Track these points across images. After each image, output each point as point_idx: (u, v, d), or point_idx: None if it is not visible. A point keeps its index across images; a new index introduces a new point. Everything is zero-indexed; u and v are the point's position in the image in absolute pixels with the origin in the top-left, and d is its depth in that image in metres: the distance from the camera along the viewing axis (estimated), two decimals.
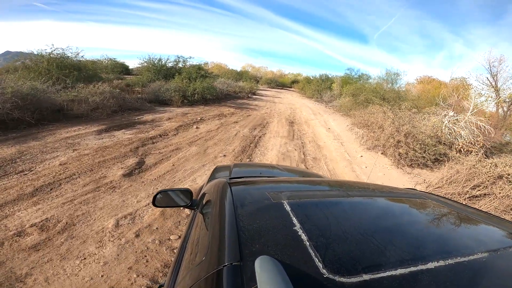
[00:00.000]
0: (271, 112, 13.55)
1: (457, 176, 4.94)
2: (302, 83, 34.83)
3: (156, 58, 16.55)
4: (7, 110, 5.81)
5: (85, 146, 5.40)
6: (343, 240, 0.79)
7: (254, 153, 6.40)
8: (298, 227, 0.84)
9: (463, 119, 7.94)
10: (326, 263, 0.67)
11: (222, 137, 7.38)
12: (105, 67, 17.99)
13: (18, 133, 5.68)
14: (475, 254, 0.79)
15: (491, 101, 10.40)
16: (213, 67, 34.26)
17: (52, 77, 8.95)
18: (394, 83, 18.95)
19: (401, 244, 0.81)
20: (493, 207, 4.03)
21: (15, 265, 2.37)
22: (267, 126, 9.78)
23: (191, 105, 12.17)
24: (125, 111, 9.08)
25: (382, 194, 1.37)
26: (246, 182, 1.56)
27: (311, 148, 7.57)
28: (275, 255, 0.69)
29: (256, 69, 50.13)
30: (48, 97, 7.27)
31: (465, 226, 1.10)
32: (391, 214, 1.12)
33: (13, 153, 4.63)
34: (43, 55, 9.68)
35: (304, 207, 1.02)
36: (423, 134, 6.88)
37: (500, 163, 4.97)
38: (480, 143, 7.22)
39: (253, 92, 23.32)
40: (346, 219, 0.95)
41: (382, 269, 0.66)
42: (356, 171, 6.00)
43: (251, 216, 0.91)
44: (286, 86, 44.75)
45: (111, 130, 6.77)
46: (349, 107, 14.30)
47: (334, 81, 24.77)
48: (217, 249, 0.82)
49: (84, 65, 11.01)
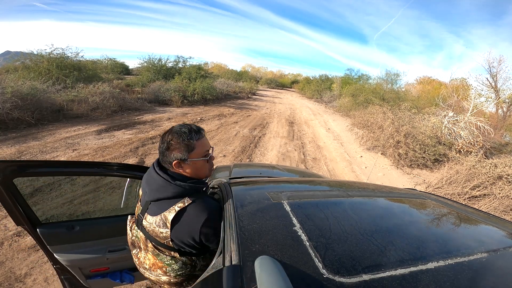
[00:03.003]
0: (271, 112, 13.56)
1: (457, 177, 4.94)
2: (302, 83, 34.90)
3: (156, 58, 16.59)
4: (7, 110, 5.81)
5: (85, 146, 5.40)
6: (343, 240, 0.79)
7: (254, 153, 6.40)
8: (298, 227, 0.84)
9: (463, 119, 7.94)
10: (326, 263, 0.67)
11: (222, 137, 7.38)
12: (105, 67, 17.99)
13: (18, 133, 5.68)
14: (475, 254, 0.79)
15: (490, 101, 10.42)
16: (213, 67, 34.30)
17: (52, 77, 8.96)
18: (393, 83, 18.96)
19: (401, 244, 0.81)
20: (492, 208, 4.03)
21: (15, 265, 2.37)
22: (267, 126, 9.78)
23: (191, 105, 12.17)
24: (125, 111, 9.07)
25: (382, 194, 1.37)
26: (246, 182, 1.56)
27: (311, 148, 7.58)
28: (275, 255, 0.69)
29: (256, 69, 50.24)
30: (48, 97, 7.28)
31: (465, 226, 1.10)
32: (391, 214, 1.12)
33: (13, 153, 4.63)
34: (43, 55, 9.69)
35: (304, 207, 1.02)
36: (422, 134, 6.87)
37: (500, 164, 4.97)
38: (480, 143, 7.22)
39: (253, 92, 23.34)
40: (346, 219, 0.95)
41: (382, 269, 0.66)
42: (356, 172, 6.00)
43: (251, 216, 0.91)
44: (286, 87, 44.83)
45: (111, 130, 6.77)
46: (349, 107, 14.31)
47: (334, 82, 24.81)
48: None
49: (84, 65, 11.01)
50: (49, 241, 1.43)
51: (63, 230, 1.46)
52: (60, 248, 1.47)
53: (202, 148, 1.06)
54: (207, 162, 1.10)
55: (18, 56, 10.05)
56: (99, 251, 1.56)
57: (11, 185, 1.21)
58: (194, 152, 1.04)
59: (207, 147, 1.09)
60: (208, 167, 1.13)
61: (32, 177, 1.38)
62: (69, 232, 1.47)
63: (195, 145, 1.03)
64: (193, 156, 1.04)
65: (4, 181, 1.17)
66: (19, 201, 1.28)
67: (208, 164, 1.12)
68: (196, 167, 1.07)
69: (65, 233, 1.46)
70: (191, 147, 1.03)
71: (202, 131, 1.09)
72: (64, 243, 1.48)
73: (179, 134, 1.03)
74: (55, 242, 1.45)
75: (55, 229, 1.45)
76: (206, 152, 1.08)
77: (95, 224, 1.58)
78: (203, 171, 1.10)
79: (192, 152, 1.03)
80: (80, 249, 1.51)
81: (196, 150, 1.04)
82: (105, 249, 1.58)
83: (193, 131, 1.05)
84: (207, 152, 1.08)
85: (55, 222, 1.51)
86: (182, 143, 1.02)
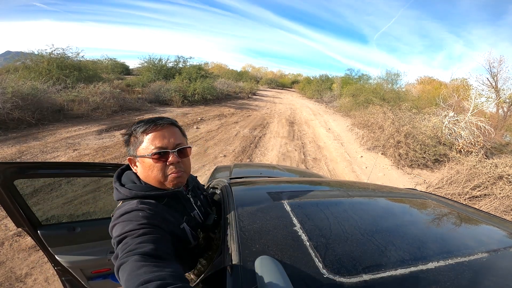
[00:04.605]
0: (271, 112, 13.55)
1: (457, 177, 4.94)
2: (302, 83, 34.88)
3: (156, 58, 16.59)
4: (8, 110, 5.82)
5: (85, 146, 5.40)
6: (343, 240, 0.79)
7: (254, 154, 6.40)
8: (298, 227, 0.84)
9: (463, 119, 7.93)
10: (326, 263, 0.67)
11: (222, 137, 7.38)
12: (105, 67, 17.98)
13: (19, 133, 5.68)
14: (476, 254, 0.79)
15: (491, 101, 10.41)
16: (213, 67, 34.28)
17: (53, 77, 8.97)
18: (394, 83, 18.92)
19: (401, 244, 0.81)
20: (493, 208, 4.02)
21: (15, 265, 2.37)
22: (267, 126, 9.78)
23: (191, 105, 12.17)
24: (125, 111, 9.08)
25: (383, 194, 1.37)
26: (247, 182, 1.56)
27: (311, 148, 7.57)
28: (275, 255, 0.69)
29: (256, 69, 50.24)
30: (49, 97, 7.28)
31: (465, 226, 1.10)
32: (391, 214, 1.12)
33: (14, 153, 4.63)
34: (44, 55, 9.70)
35: (304, 207, 1.02)
36: (423, 134, 6.87)
37: (500, 164, 4.97)
38: (480, 143, 7.21)
39: (253, 92, 23.33)
40: (346, 219, 0.95)
41: (382, 269, 0.66)
42: (356, 172, 6.00)
43: (251, 216, 0.91)
44: (286, 87, 44.81)
45: (112, 130, 6.78)
46: (349, 107, 14.29)
47: (334, 82, 24.78)
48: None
49: (84, 65, 11.01)
50: (50, 243, 1.43)
51: (64, 232, 1.46)
52: (62, 250, 1.47)
53: (150, 142, 0.85)
54: (159, 162, 0.86)
55: (19, 56, 10.05)
56: (100, 252, 1.56)
57: (11, 187, 1.21)
58: (141, 147, 0.87)
59: (159, 143, 0.86)
60: (159, 170, 0.86)
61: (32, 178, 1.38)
62: (70, 234, 1.47)
63: (142, 139, 0.87)
64: (141, 151, 0.87)
65: (4, 183, 1.16)
66: (20, 202, 1.28)
67: (161, 165, 0.86)
68: (144, 167, 0.88)
69: (66, 235, 1.46)
70: (139, 141, 0.87)
71: (157, 122, 0.88)
72: (65, 244, 1.48)
73: (132, 125, 0.91)
74: (56, 243, 1.45)
75: (56, 230, 1.45)
76: (154, 149, 0.85)
77: (96, 225, 1.58)
78: (152, 175, 0.87)
79: (139, 147, 0.87)
80: (82, 250, 1.51)
81: (143, 145, 0.86)
82: (106, 250, 1.58)
83: (144, 121, 0.89)
84: (154, 150, 0.84)
85: (56, 224, 1.51)
86: (131, 136, 0.90)
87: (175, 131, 0.93)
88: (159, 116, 0.91)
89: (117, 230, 0.75)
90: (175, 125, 0.95)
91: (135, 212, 0.78)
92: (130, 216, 0.78)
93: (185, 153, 0.92)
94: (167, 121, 0.91)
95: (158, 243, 0.70)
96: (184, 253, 0.95)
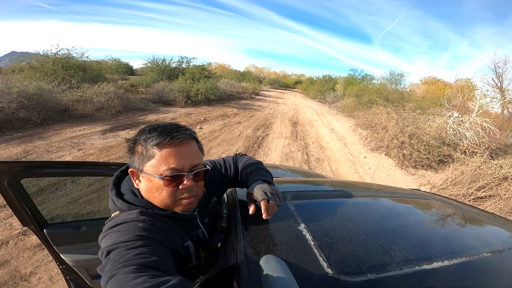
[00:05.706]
0: (274, 112, 13.54)
1: (462, 178, 4.90)
2: (305, 83, 34.81)
3: (160, 59, 16.66)
4: (13, 110, 5.88)
5: (90, 146, 5.44)
6: (347, 240, 0.79)
7: (257, 154, 6.40)
8: (303, 226, 0.84)
9: (468, 120, 7.86)
10: (331, 263, 0.67)
11: (225, 138, 7.39)
12: (109, 67, 18.06)
13: (24, 133, 5.74)
14: (480, 254, 0.79)
15: (496, 102, 10.31)
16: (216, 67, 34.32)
17: (58, 77, 9.04)
18: (398, 83, 18.83)
19: (406, 244, 0.81)
20: (498, 209, 3.99)
21: (20, 264, 2.39)
22: (270, 126, 9.77)
23: (194, 105, 12.21)
24: (130, 111, 9.13)
25: (386, 194, 1.36)
26: None
27: (315, 149, 7.56)
28: (279, 254, 0.70)
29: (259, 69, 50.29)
30: (54, 97, 7.35)
31: (470, 227, 1.09)
32: (395, 214, 1.12)
33: (19, 152, 4.68)
34: (49, 55, 9.79)
35: (308, 207, 1.02)
36: (427, 135, 6.82)
37: (505, 165, 4.92)
38: (485, 144, 7.15)
39: (256, 92, 23.33)
40: (350, 219, 0.95)
41: (387, 269, 0.66)
42: (359, 172, 5.98)
43: (255, 216, 0.91)
44: (289, 87, 44.78)
45: (116, 130, 6.82)
46: (352, 108, 14.23)
47: (337, 82, 24.69)
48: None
49: (89, 66, 11.10)
50: (55, 242, 1.44)
51: (69, 231, 1.47)
52: (67, 249, 1.48)
53: (163, 161, 0.69)
54: (170, 186, 0.71)
55: (24, 56, 10.17)
56: None
57: (18, 186, 1.22)
58: (150, 163, 0.70)
59: (174, 163, 0.69)
60: (169, 194, 0.72)
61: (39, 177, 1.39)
62: (76, 233, 1.48)
63: (153, 154, 0.69)
64: (148, 169, 0.70)
65: (11, 181, 1.17)
66: (26, 201, 1.29)
67: (173, 189, 0.72)
68: (149, 186, 0.72)
69: (71, 234, 1.47)
70: (148, 155, 0.70)
71: (175, 136, 0.70)
72: (70, 243, 1.49)
73: (141, 132, 0.74)
74: (62, 242, 1.46)
75: (62, 229, 1.46)
76: (166, 170, 0.69)
77: (101, 224, 1.59)
78: (159, 197, 0.72)
79: (148, 162, 0.70)
80: (87, 249, 1.52)
81: (153, 162, 0.69)
82: None
83: (158, 131, 0.70)
84: (167, 171, 0.69)
85: (61, 223, 1.52)
86: (139, 146, 0.72)
87: (194, 148, 0.76)
88: (176, 125, 0.75)
89: (109, 240, 0.63)
90: (194, 139, 0.78)
91: (134, 223, 0.67)
92: (128, 226, 0.66)
93: (201, 176, 0.77)
94: (186, 135, 0.73)
95: (158, 256, 0.59)
96: (183, 271, 0.83)
